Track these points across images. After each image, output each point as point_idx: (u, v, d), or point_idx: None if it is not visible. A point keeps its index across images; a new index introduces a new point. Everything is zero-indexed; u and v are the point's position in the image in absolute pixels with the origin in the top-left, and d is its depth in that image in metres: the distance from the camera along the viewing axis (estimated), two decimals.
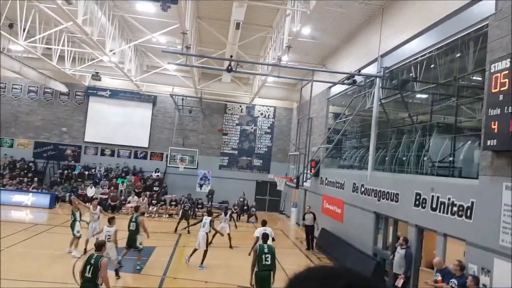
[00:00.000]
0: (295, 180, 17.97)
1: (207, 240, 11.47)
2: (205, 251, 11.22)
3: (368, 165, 12.91)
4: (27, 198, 19.39)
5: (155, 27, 15.59)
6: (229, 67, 12.88)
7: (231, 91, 23.81)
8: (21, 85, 24.31)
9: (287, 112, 26.34)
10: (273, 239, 10.21)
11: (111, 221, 10.04)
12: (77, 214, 11.77)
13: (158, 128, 25.38)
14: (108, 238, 9.39)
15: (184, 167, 22.02)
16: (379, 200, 11.68)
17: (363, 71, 13.35)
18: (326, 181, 16.95)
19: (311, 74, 13.83)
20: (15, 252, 11.05)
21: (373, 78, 12.64)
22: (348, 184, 14.23)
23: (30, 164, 23.67)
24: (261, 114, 26.26)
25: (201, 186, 23.09)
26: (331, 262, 12.78)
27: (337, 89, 16.89)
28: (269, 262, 7.47)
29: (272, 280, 7.65)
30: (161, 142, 25.21)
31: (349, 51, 15.93)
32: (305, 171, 13.88)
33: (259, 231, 10.42)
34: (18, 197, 19.30)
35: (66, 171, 23.65)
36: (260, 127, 26.22)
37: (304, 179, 13.89)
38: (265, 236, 8.43)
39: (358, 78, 13.23)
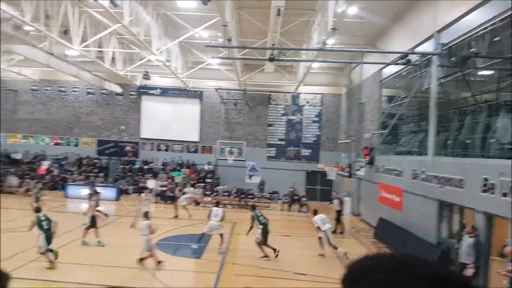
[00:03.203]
0: (347, 169, 17.40)
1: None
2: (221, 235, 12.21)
3: (428, 150, 12.09)
4: None
5: (197, 22, 15.68)
6: (272, 56, 12.59)
7: (274, 80, 23.41)
8: (79, 88, 26.00)
9: (335, 98, 25.46)
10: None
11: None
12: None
13: (206, 122, 25.87)
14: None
15: (233, 159, 22.34)
16: (442, 187, 10.89)
17: (417, 49, 12.42)
18: (382, 169, 16.14)
19: (360, 56, 13.13)
20: (88, 241, 11.80)
21: (430, 56, 11.70)
22: (407, 171, 13.45)
23: (95, 160, 25.53)
24: (307, 102, 25.65)
25: (250, 177, 23.22)
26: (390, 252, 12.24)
27: (390, 70, 15.95)
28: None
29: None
30: (210, 136, 25.70)
31: (400, 29, 14.89)
32: (358, 159, 13.30)
33: (317, 220, 11.82)
34: (87, 191, 20.60)
35: (127, 166, 25.19)
36: (306, 116, 25.67)
37: (358, 168, 13.33)
38: None
39: (413, 57, 12.32)
